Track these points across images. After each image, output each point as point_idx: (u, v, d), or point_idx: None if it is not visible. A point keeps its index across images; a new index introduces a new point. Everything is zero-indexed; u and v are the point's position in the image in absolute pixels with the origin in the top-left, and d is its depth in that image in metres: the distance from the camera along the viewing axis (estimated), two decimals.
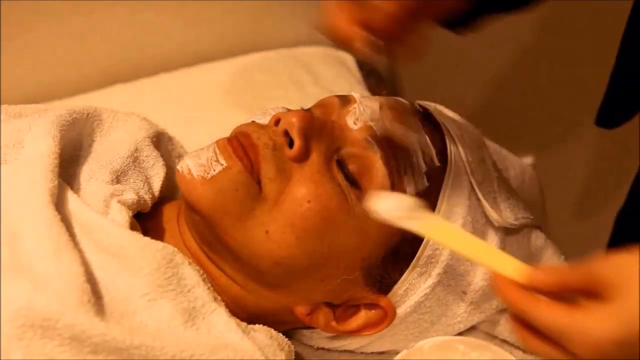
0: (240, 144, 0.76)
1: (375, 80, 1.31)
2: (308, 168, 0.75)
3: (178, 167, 0.77)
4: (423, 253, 0.77)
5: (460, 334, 0.86)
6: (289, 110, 0.80)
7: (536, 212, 0.98)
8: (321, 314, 0.79)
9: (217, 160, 0.75)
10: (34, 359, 0.62)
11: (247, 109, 0.86)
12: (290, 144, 0.75)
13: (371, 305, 0.79)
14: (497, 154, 0.91)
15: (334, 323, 0.79)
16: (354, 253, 0.76)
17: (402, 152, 0.77)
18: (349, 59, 1.32)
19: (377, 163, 0.76)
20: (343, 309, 0.79)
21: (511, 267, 0.65)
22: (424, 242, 0.77)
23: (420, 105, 0.84)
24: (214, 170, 0.75)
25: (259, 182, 0.75)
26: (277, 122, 0.78)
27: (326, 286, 0.77)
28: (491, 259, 0.67)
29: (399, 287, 0.78)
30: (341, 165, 0.76)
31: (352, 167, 0.76)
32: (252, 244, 0.75)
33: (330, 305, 0.79)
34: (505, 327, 0.86)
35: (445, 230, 0.71)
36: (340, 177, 0.76)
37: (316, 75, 1.24)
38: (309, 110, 0.81)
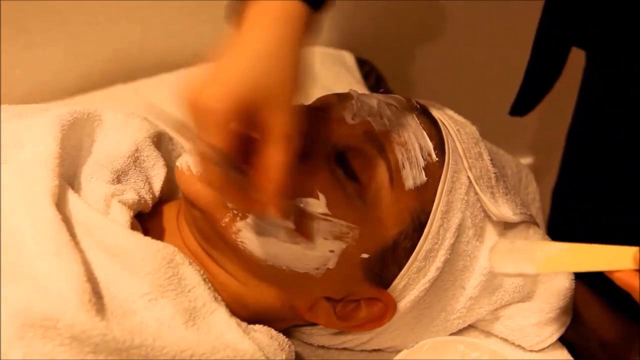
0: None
1: (375, 80, 1.32)
2: (306, 162, 0.75)
3: (177, 163, 0.77)
4: (422, 247, 0.78)
5: (459, 332, 0.86)
6: None
7: (533, 212, 0.99)
8: (321, 309, 0.79)
9: None
10: (35, 358, 0.62)
11: None
12: None
13: (371, 300, 0.79)
14: (494, 153, 0.91)
15: (334, 318, 0.79)
16: (353, 247, 0.76)
17: (400, 147, 0.77)
18: (349, 59, 1.32)
19: (375, 157, 0.76)
20: (343, 304, 0.79)
21: (624, 258, 0.68)
22: (422, 237, 0.78)
23: (417, 102, 0.84)
24: None
25: None
26: None
27: (326, 281, 0.77)
28: (605, 261, 0.69)
29: (399, 282, 0.78)
30: (342, 159, 0.76)
31: (353, 161, 0.76)
32: None
33: (330, 300, 0.79)
34: (504, 325, 0.86)
35: (558, 258, 0.73)
36: (338, 171, 0.76)
37: (316, 76, 1.24)
38: (307, 106, 0.81)
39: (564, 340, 0.88)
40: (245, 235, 0.74)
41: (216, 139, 0.63)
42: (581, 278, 0.88)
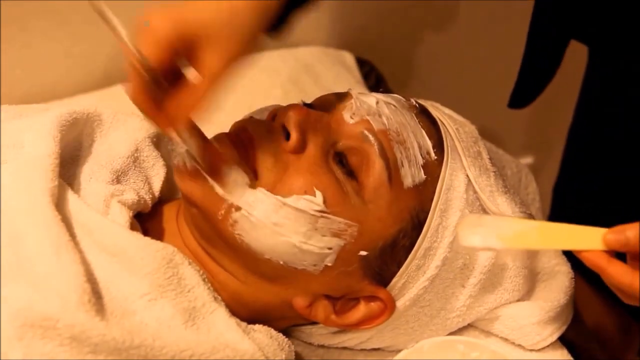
0: (238, 137, 0.76)
1: (375, 80, 1.32)
2: (305, 160, 0.75)
3: (175, 161, 0.77)
4: (421, 245, 0.78)
5: (458, 331, 0.86)
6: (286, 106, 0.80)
7: (533, 212, 0.99)
8: (320, 307, 0.79)
9: None
10: (34, 358, 0.62)
11: (247, 109, 0.86)
12: (287, 137, 0.76)
13: (371, 298, 0.79)
14: (493, 153, 0.91)
15: (333, 316, 0.79)
16: (351, 245, 0.76)
17: (399, 145, 0.78)
18: (349, 59, 1.32)
19: (374, 156, 0.76)
20: (343, 302, 0.80)
21: (594, 239, 0.68)
22: (421, 235, 0.78)
23: (416, 102, 0.84)
24: None
25: (255, 173, 0.75)
26: (274, 117, 0.79)
27: (324, 278, 0.77)
28: (574, 241, 0.70)
29: (398, 280, 0.79)
30: (340, 157, 0.76)
31: (351, 159, 0.76)
32: None
33: (329, 298, 0.79)
34: (504, 325, 0.86)
35: (526, 234, 0.72)
36: (337, 169, 0.76)
37: (316, 76, 1.24)
38: (306, 105, 0.81)
39: (564, 340, 0.88)
40: (242, 227, 0.74)
41: (150, 51, 0.66)
42: (581, 274, 0.88)
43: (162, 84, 0.68)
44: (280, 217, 0.73)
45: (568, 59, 0.95)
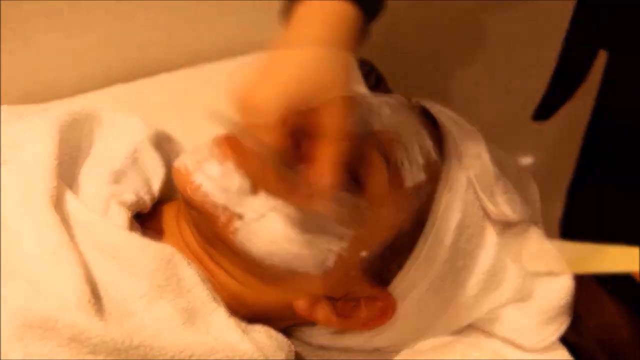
0: (236, 140, 0.76)
1: (375, 80, 1.32)
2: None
3: (175, 163, 0.77)
4: (421, 246, 0.78)
5: (459, 331, 0.86)
6: None
7: (533, 212, 0.99)
8: (321, 308, 0.79)
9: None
10: (34, 359, 0.63)
11: None
12: None
13: (371, 299, 0.79)
14: (493, 154, 0.91)
15: (334, 317, 0.79)
16: (352, 246, 0.76)
17: (399, 146, 0.77)
18: None
19: (375, 157, 0.76)
20: (343, 303, 0.79)
21: None
22: (422, 236, 0.78)
23: (417, 102, 0.84)
24: None
25: None
26: None
27: (325, 279, 0.77)
28: (635, 263, 0.71)
29: (399, 281, 0.79)
30: None
31: (353, 161, 0.76)
32: None
33: (330, 299, 0.79)
34: (505, 325, 0.86)
35: (589, 258, 0.74)
36: None
37: None
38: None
39: (564, 340, 0.88)
40: (243, 235, 0.74)
41: (269, 138, 0.63)
42: (594, 277, 0.88)
43: (293, 163, 0.65)
44: (280, 221, 0.73)
45: None
